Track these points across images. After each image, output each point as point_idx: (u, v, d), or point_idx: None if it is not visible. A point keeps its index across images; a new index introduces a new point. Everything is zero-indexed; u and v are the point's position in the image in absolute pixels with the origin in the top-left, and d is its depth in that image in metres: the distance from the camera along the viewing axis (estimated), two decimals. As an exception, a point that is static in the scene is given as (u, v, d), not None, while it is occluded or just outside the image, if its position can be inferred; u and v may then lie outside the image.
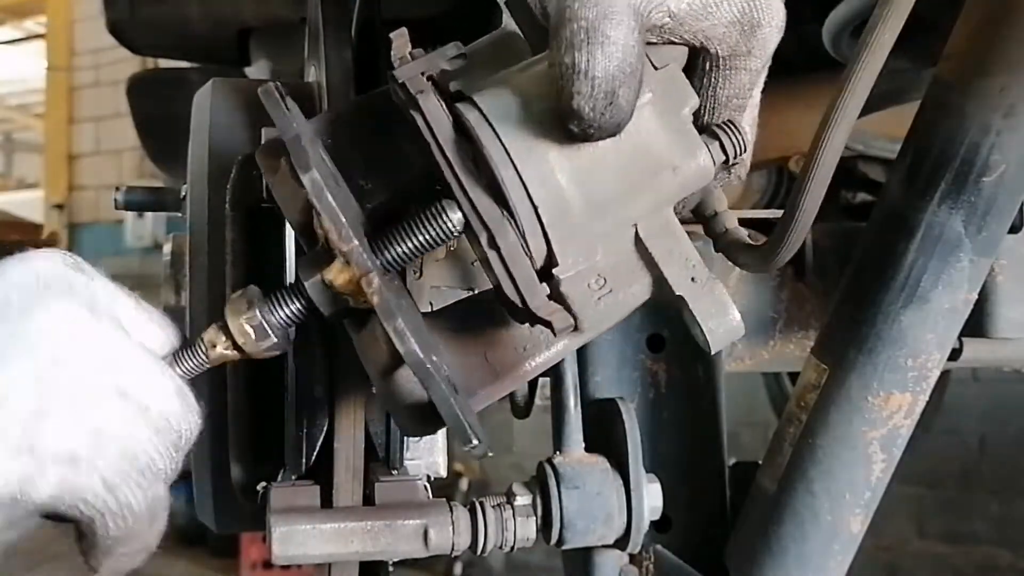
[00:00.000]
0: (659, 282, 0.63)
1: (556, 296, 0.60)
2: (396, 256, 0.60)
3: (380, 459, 0.82)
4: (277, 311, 0.61)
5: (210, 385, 0.87)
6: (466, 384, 0.64)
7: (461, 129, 0.59)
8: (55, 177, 7.89)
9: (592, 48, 0.53)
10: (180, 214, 1.06)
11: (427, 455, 0.89)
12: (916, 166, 0.84)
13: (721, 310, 0.62)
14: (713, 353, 0.65)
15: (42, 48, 8.19)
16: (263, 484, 0.81)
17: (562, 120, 0.55)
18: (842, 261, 1.12)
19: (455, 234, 0.59)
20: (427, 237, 0.59)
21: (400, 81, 0.59)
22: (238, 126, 0.88)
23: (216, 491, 0.90)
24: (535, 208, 0.58)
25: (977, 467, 3.96)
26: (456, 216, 0.58)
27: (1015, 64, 0.77)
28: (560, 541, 0.81)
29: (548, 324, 0.58)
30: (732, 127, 0.63)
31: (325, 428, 0.80)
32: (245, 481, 0.84)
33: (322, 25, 0.88)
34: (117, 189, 1.17)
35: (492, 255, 0.58)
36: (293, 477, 0.80)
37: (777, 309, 1.14)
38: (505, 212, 0.58)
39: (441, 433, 0.90)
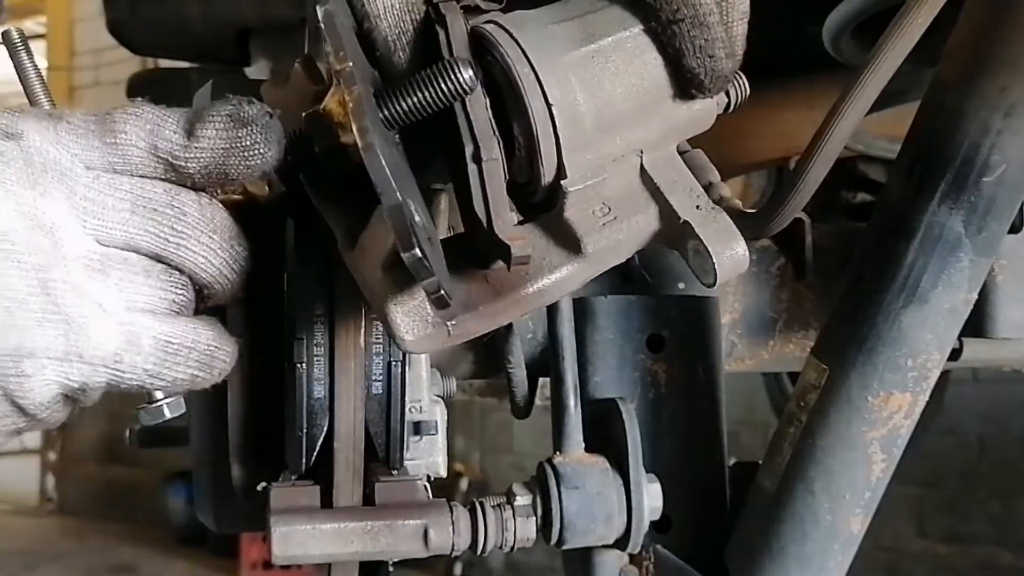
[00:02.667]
0: (665, 212, 0.63)
1: (560, 224, 0.60)
2: (402, 111, 0.58)
3: (380, 459, 0.82)
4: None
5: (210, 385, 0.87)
6: (467, 298, 0.61)
7: (479, 46, 0.59)
8: (55, 177, 7.87)
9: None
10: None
11: (427, 455, 0.89)
12: (916, 166, 0.84)
13: (727, 237, 0.62)
14: (716, 284, 0.62)
15: (42, 48, 8.19)
16: (263, 484, 0.81)
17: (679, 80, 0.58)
18: (842, 261, 1.12)
19: (466, 90, 0.57)
20: (435, 91, 0.57)
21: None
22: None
23: (216, 491, 0.90)
24: (550, 108, 0.58)
25: (977, 467, 3.96)
26: (467, 73, 0.57)
27: (1015, 64, 0.77)
28: (560, 541, 0.81)
29: (506, 250, 0.57)
30: (737, 75, 0.64)
31: (325, 428, 0.79)
32: (245, 481, 0.84)
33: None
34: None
35: (472, 168, 0.58)
36: (293, 477, 0.80)
37: (777, 309, 1.14)
38: (496, 130, 0.58)
39: (441, 433, 0.90)
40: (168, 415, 0.62)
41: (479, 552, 0.79)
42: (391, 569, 0.91)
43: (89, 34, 7.01)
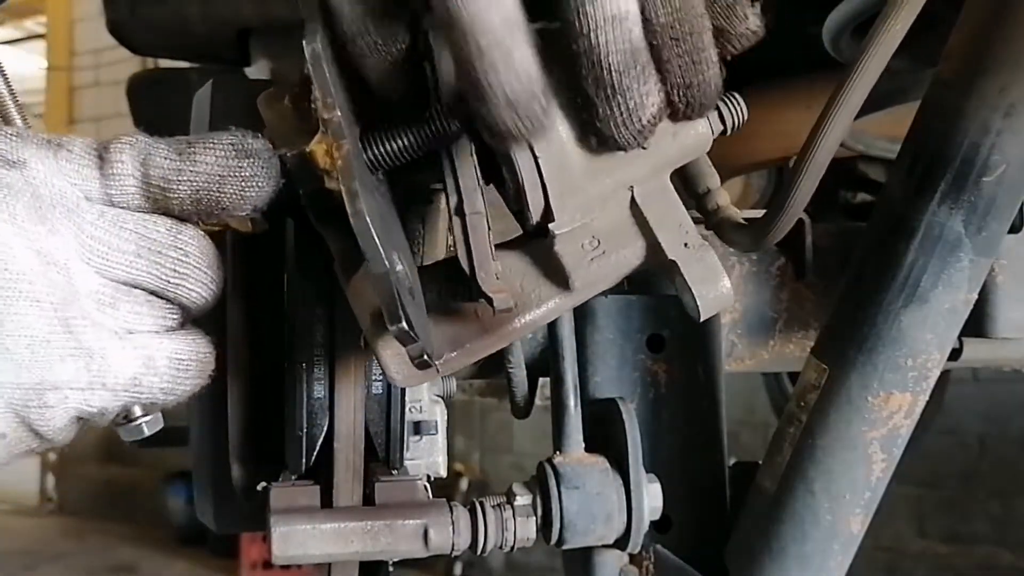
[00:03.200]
0: (652, 247, 0.63)
1: (549, 257, 0.60)
2: (385, 153, 0.59)
3: (380, 459, 0.82)
4: None
5: (210, 385, 0.87)
6: (455, 336, 0.63)
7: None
8: (55, 177, 7.87)
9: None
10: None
11: (427, 455, 0.89)
12: (916, 166, 0.84)
13: (712, 276, 0.63)
14: (702, 320, 0.64)
15: (42, 48, 8.19)
16: (263, 484, 0.81)
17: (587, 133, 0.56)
18: (842, 261, 1.12)
19: (448, 138, 0.58)
20: (418, 136, 0.58)
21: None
22: (238, 126, 0.88)
23: (216, 491, 0.90)
24: (536, 160, 0.58)
25: (977, 467, 3.97)
26: (454, 126, 0.58)
27: (1015, 64, 0.77)
28: (560, 541, 0.81)
29: (490, 301, 0.58)
30: (733, 98, 0.63)
31: (325, 428, 0.80)
32: (245, 481, 0.84)
33: None
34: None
35: (456, 221, 0.58)
36: (293, 477, 0.80)
37: (777, 309, 1.14)
38: (482, 181, 0.58)
39: (441, 433, 0.90)
40: (147, 432, 0.62)
41: (479, 552, 0.79)
42: (391, 569, 0.91)
43: (89, 34, 7.01)
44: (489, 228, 0.59)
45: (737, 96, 0.64)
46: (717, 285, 0.63)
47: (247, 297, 0.83)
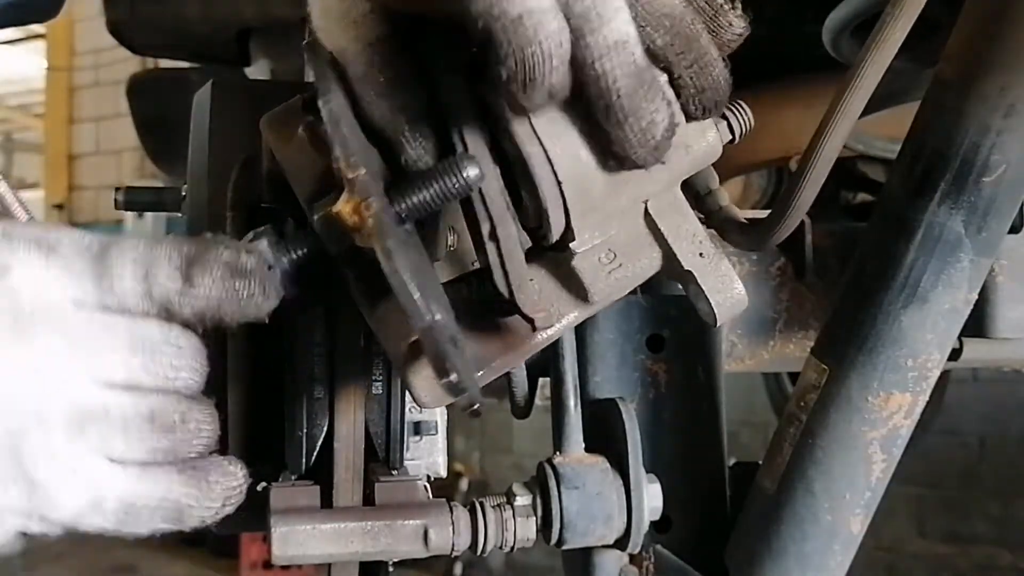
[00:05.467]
0: (668, 257, 0.64)
1: (568, 273, 0.61)
2: (409, 207, 0.59)
3: (380, 459, 0.82)
4: (287, 255, 0.60)
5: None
6: (481, 355, 0.64)
7: (486, 110, 0.59)
8: (55, 177, 7.89)
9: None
10: (180, 214, 1.06)
11: (427, 455, 0.89)
12: (916, 166, 0.84)
13: (727, 284, 0.64)
14: (718, 325, 0.65)
15: (42, 48, 8.19)
16: (263, 484, 0.81)
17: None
18: (842, 261, 1.12)
19: (470, 189, 0.58)
20: (441, 188, 0.58)
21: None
22: (238, 126, 0.88)
23: (216, 491, 0.90)
24: (559, 185, 0.58)
25: (977, 467, 3.97)
26: (473, 172, 0.58)
27: (1015, 64, 0.77)
28: (560, 541, 0.81)
29: (532, 322, 0.59)
30: (739, 107, 0.64)
31: (325, 428, 0.80)
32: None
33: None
34: (117, 190, 1.17)
35: (490, 246, 0.59)
36: (293, 477, 0.80)
37: (777, 309, 1.14)
38: (510, 204, 0.59)
39: (441, 433, 0.90)
40: None
41: (479, 552, 0.79)
42: (391, 569, 0.91)
43: (89, 34, 7.01)
44: (523, 249, 0.59)
45: (743, 104, 0.64)
46: (732, 291, 0.64)
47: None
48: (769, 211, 0.77)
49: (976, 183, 0.80)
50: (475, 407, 0.55)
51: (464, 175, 0.57)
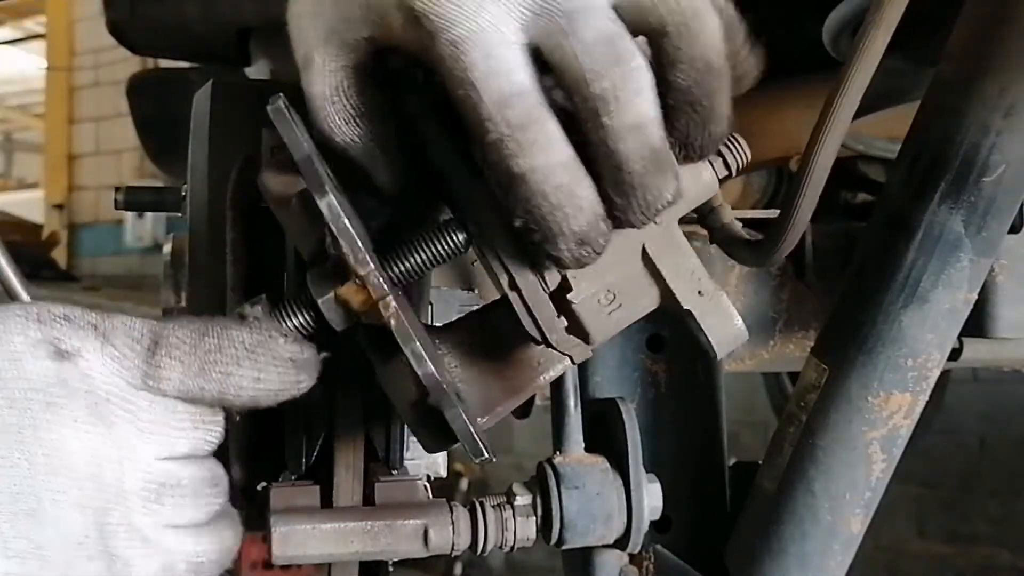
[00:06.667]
0: (666, 295, 0.65)
1: (568, 316, 0.62)
2: (402, 272, 0.61)
3: (380, 459, 0.82)
4: (285, 322, 0.61)
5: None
6: (484, 401, 0.66)
7: (470, 160, 0.60)
8: (55, 177, 7.89)
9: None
10: (180, 214, 1.06)
11: (427, 455, 0.89)
12: (916, 166, 0.84)
13: (726, 320, 0.65)
14: (719, 359, 0.66)
15: (42, 48, 8.20)
16: (263, 484, 0.81)
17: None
18: (842, 261, 1.12)
19: (462, 251, 0.61)
20: (432, 253, 0.60)
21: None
22: (238, 126, 0.88)
23: (216, 491, 0.90)
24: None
25: (977, 467, 3.97)
26: (461, 236, 0.60)
27: (1015, 64, 0.77)
28: (560, 541, 0.81)
29: (573, 360, 0.62)
30: (735, 142, 0.64)
31: (325, 428, 0.80)
32: (245, 481, 0.84)
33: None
34: (117, 189, 1.17)
35: (513, 296, 0.60)
36: (293, 477, 0.80)
37: (777, 309, 1.14)
38: (521, 252, 0.60)
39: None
40: None
41: (479, 552, 0.79)
42: (391, 569, 0.91)
43: (89, 34, 7.02)
44: (543, 288, 0.60)
45: (739, 138, 0.64)
46: (731, 326, 0.65)
47: (248, 297, 0.83)
48: (769, 211, 0.77)
49: (976, 183, 0.80)
50: (486, 457, 0.59)
51: (454, 239, 0.60)
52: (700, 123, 0.57)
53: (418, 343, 0.56)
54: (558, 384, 0.90)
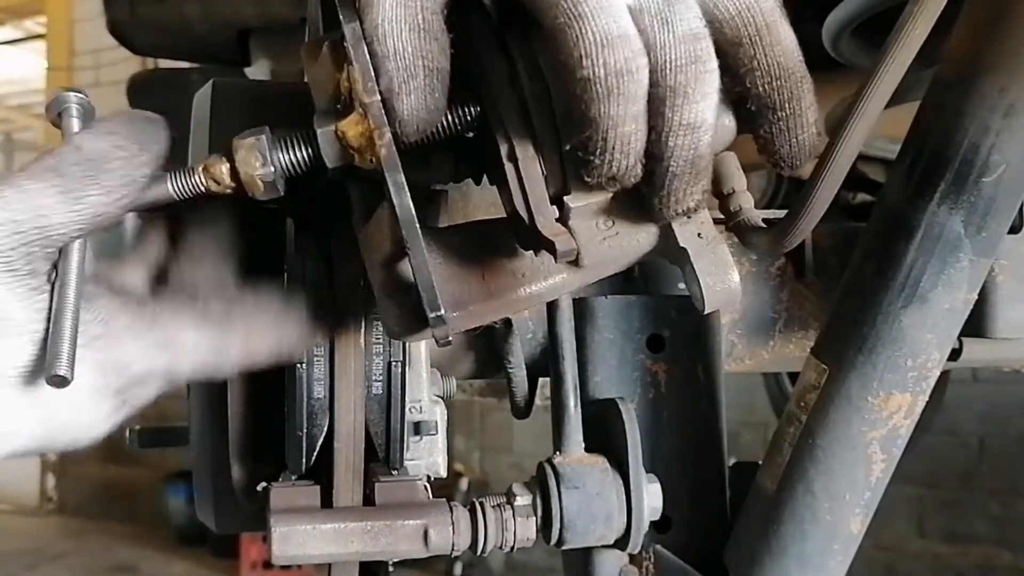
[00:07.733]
0: (665, 233, 0.63)
1: (562, 223, 0.60)
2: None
3: (380, 459, 0.82)
4: (284, 153, 0.61)
5: (210, 385, 0.87)
6: (459, 296, 0.63)
7: (504, 49, 0.59)
8: (55, 177, 7.85)
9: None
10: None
11: (427, 455, 0.89)
12: (916, 166, 0.84)
13: (722, 269, 0.63)
14: (707, 312, 0.64)
15: (42, 48, 8.19)
16: (263, 484, 0.81)
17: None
18: (842, 261, 1.12)
19: (472, 125, 0.59)
20: (442, 125, 0.59)
21: None
22: (238, 126, 0.88)
23: (216, 491, 0.90)
24: (556, 128, 0.58)
25: (977, 467, 3.97)
26: (475, 109, 0.59)
27: (1015, 64, 0.77)
28: (560, 541, 0.81)
29: (551, 245, 0.58)
30: None
31: (325, 428, 0.80)
32: (245, 481, 0.84)
33: (321, 25, 0.88)
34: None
35: (509, 168, 0.58)
36: (293, 477, 0.80)
37: (777, 309, 1.14)
38: (530, 128, 0.58)
39: (441, 433, 0.90)
40: None
41: (479, 552, 0.79)
42: (391, 569, 0.92)
43: (89, 34, 7.00)
44: (543, 172, 0.59)
45: None
46: (726, 278, 0.63)
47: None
48: (768, 211, 0.77)
49: (976, 183, 0.80)
50: (448, 338, 0.57)
51: (468, 109, 0.59)
52: (783, 130, 0.58)
53: (402, 175, 0.55)
54: (558, 384, 0.90)
